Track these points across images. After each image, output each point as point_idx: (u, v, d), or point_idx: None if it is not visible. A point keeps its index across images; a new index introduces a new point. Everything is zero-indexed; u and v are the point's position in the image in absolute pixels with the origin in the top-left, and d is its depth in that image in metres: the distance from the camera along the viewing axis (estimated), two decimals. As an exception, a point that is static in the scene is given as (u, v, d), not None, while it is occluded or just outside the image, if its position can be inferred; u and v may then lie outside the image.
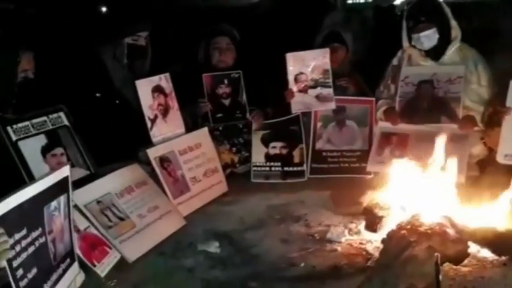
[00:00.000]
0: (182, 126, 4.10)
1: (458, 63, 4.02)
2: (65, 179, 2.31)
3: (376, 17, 6.29)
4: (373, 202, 3.39)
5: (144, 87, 3.84)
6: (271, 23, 4.98)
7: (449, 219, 2.85)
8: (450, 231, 2.75)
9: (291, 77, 4.34)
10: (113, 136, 3.79)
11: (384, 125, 4.19)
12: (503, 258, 2.80)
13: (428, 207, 2.96)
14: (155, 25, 4.20)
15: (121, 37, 4.00)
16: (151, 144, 3.81)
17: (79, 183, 3.12)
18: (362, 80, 4.59)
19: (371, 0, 9.22)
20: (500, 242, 2.84)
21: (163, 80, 3.98)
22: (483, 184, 3.55)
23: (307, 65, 4.33)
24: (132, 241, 3.17)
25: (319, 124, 4.45)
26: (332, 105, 4.38)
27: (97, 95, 3.94)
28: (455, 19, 4.02)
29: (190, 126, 4.21)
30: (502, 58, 3.96)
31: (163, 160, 3.79)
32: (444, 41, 4.01)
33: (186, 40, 4.68)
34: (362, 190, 3.76)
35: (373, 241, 3.15)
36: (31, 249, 1.97)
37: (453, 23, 4.00)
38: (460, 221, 2.91)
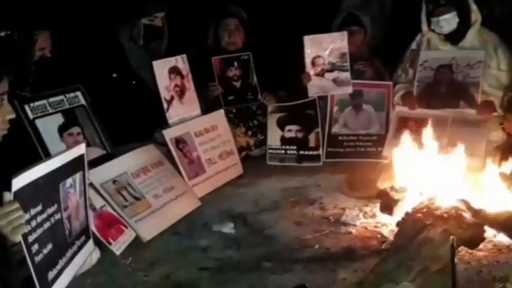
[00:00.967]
0: (198, 108, 4.12)
1: (477, 47, 3.96)
2: (81, 157, 2.31)
3: (395, 0, 6.19)
4: (389, 185, 3.37)
5: (161, 68, 3.85)
6: (287, 5, 4.90)
7: (465, 202, 2.82)
8: (466, 215, 2.73)
9: (308, 60, 4.31)
10: (129, 116, 3.81)
11: (401, 110, 4.15)
12: (519, 243, 2.77)
13: (444, 190, 2.93)
14: (172, 6, 4.17)
15: (138, 18, 4.00)
16: (167, 125, 3.82)
17: (95, 162, 3.15)
18: (380, 64, 4.54)
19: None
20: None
21: (180, 61, 3.99)
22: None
23: (324, 48, 4.30)
24: (147, 220, 3.19)
25: (335, 108, 4.42)
26: (349, 89, 4.35)
27: (114, 75, 3.95)
28: (475, 3, 3.95)
29: (204, 109, 4.20)
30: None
31: (179, 141, 3.81)
32: (464, 25, 3.95)
33: (197, 23, 4.63)
34: (378, 174, 3.71)
35: (388, 224, 3.13)
36: (46, 225, 1.96)
37: (473, 7, 3.94)
38: (476, 205, 2.87)
